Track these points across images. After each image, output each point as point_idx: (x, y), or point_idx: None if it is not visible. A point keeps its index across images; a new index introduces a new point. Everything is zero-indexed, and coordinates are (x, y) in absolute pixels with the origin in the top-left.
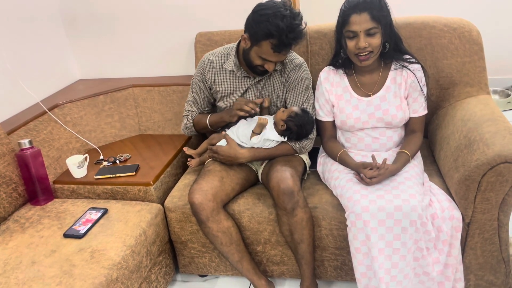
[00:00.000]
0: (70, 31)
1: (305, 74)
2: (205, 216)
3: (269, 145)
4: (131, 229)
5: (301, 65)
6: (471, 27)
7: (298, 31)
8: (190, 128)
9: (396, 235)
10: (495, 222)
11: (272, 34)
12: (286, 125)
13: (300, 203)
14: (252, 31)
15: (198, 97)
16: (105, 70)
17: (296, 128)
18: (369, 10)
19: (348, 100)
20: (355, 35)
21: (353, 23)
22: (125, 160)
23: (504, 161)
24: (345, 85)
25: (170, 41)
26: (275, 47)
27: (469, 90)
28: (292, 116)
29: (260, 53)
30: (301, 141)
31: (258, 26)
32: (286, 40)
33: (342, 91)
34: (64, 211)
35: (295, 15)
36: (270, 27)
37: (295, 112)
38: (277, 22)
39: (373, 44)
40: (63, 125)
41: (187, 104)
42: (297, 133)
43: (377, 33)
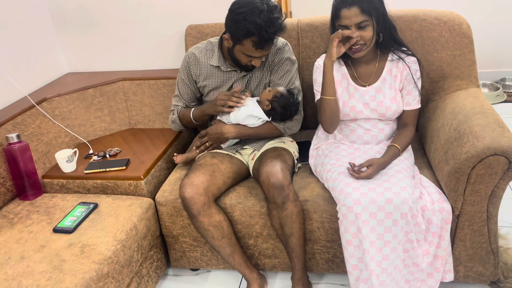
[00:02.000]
0: (58, 24)
1: (288, 55)
2: (196, 210)
3: (254, 124)
4: (121, 224)
5: (284, 47)
6: (461, 20)
7: (277, 24)
8: (176, 123)
9: (387, 227)
10: (484, 214)
11: (252, 32)
12: (271, 105)
13: (290, 196)
14: (232, 31)
15: (183, 92)
16: (94, 63)
17: (280, 109)
18: (358, 3)
19: (345, 88)
20: (347, 29)
21: (344, 17)
22: (115, 154)
23: (493, 154)
24: (344, 72)
25: (161, 34)
26: (257, 44)
27: (459, 83)
28: (277, 97)
29: (243, 51)
30: (285, 122)
31: (236, 26)
32: (267, 35)
33: (340, 77)
34: (53, 206)
35: (272, 8)
36: (248, 26)
37: (281, 92)
38: (254, 19)
39: (365, 37)
40: (51, 119)
41: (173, 99)
42: (281, 114)
43: (368, 25)
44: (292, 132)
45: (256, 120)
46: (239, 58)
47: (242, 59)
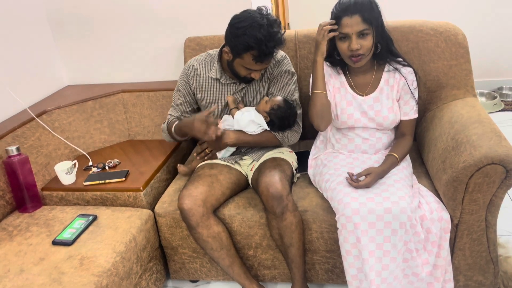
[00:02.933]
0: (58, 37)
1: (287, 67)
2: (195, 222)
3: (254, 131)
4: (121, 236)
5: (283, 60)
6: (457, 30)
7: (277, 39)
8: (165, 132)
9: (386, 237)
10: (483, 223)
11: (252, 46)
12: (269, 117)
13: (289, 207)
14: (232, 45)
15: (178, 103)
16: (94, 75)
17: (278, 120)
18: (360, 12)
19: (343, 95)
20: (347, 37)
21: (345, 25)
22: (114, 166)
23: (490, 163)
24: (342, 80)
25: (160, 46)
26: (257, 58)
27: (456, 93)
28: (274, 109)
29: (243, 64)
30: (284, 132)
31: (237, 40)
32: (267, 50)
33: (339, 85)
34: (52, 218)
35: (272, 22)
36: (248, 40)
37: (278, 104)
38: (254, 33)
39: (365, 46)
40: (51, 131)
41: (170, 109)
42: (280, 125)
43: (369, 34)
44: (290, 142)
45: (256, 127)
46: (238, 71)
47: (242, 72)
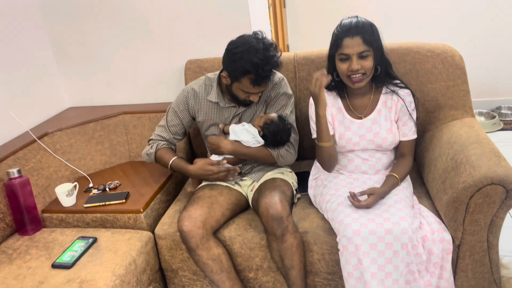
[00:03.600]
0: (60, 59)
1: (284, 90)
2: (194, 244)
3: (248, 141)
4: (120, 258)
5: (280, 82)
6: (453, 52)
7: (273, 62)
8: (150, 156)
9: (388, 258)
10: (485, 243)
11: (249, 71)
12: (263, 132)
13: (289, 228)
14: (230, 70)
15: (171, 124)
16: (95, 97)
17: (270, 135)
18: (361, 34)
19: (341, 121)
20: (348, 58)
21: (346, 46)
22: (115, 188)
23: (490, 183)
24: (339, 106)
25: (160, 68)
26: (254, 81)
27: (454, 113)
28: (267, 123)
29: (241, 88)
30: (279, 149)
31: (233, 65)
32: (263, 73)
33: (336, 112)
34: (52, 241)
35: (268, 46)
36: (245, 65)
37: (271, 119)
38: (251, 58)
39: (366, 67)
40: (52, 153)
41: (157, 128)
42: (272, 140)
43: (369, 55)
44: (286, 162)
45: (250, 137)
46: (237, 94)
47: (241, 95)
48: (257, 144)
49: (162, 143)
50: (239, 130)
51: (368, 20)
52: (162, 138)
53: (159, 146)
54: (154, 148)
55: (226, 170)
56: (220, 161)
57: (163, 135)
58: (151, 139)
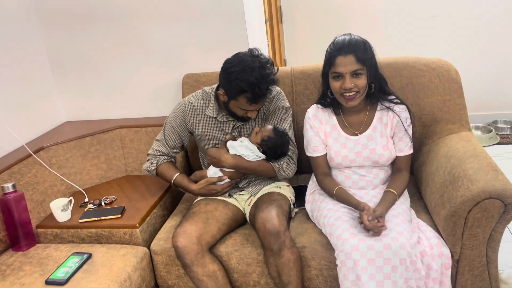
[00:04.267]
0: (57, 73)
1: (282, 103)
2: (189, 260)
3: (248, 155)
4: (115, 274)
5: (278, 95)
6: (449, 66)
7: (269, 80)
8: (152, 172)
9: (386, 274)
10: (484, 258)
11: (245, 90)
12: (262, 148)
13: (286, 243)
14: (226, 89)
15: (169, 138)
16: (92, 112)
17: (270, 151)
18: (354, 52)
19: (336, 138)
20: (341, 76)
21: (339, 64)
22: (110, 202)
23: (488, 197)
24: (334, 123)
25: (158, 82)
26: (251, 99)
27: (451, 127)
28: (265, 140)
29: (238, 106)
30: (280, 162)
31: (230, 84)
32: (260, 92)
33: (330, 129)
34: (46, 256)
35: (263, 64)
36: (241, 84)
37: (267, 135)
38: (246, 77)
39: (359, 85)
40: (48, 168)
41: (155, 143)
42: (272, 155)
43: (362, 74)
44: (286, 176)
45: (250, 152)
46: (234, 111)
47: (238, 112)
48: (258, 158)
49: (162, 158)
50: (238, 145)
51: (362, 38)
52: (161, 153)
53: (159, 162)
54: (155, 164)
55: (229, 185)
56: (221, 177)
57: (162, 150)
58: (150, 154)
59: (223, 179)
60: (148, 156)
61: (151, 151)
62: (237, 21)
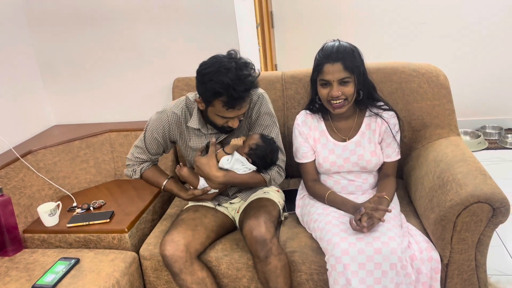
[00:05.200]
0: (46, 76)
1: (265, 108)
2: (178, 268)
3: (239, 169)
4: (103, 280)
5: (261, 100)
6: (438, 72)
7: (247, 82)
8: (136, 178)
9: (376, 278)
10: (473, 262)
11: (219, 92)
12: (250, 158)
13: (273, 250)
14: (201, 93)
15: (151, 147)
16: (81, 115)
17: (259, 160)
18: (342, 60)
19: (324, 144)
20: (329, 84)
21: (327, 72)
22: (99, 207)
23: (477, 201)
24: (322, 129)
25: (148, 86)
26: (227, 104)
27: (440, 132)
28: (253, 149)
29: (216, 112)
30: (271, 171)
31: (204, 87)
32: (236, 94)
33: (319, 135)
34: (33, 262)
35: (241, 65)
36: (214, 86)
37: (255, 143)
38: (221, 78)
39: (346, 93)
40: (35, 172)
41: (135, 149)
42: (263, 165)
43: (350, 82)
44: (276, 185)
45: (240, 165)
46: (214, 120)
47: (218, 121)
48: (248, 171)
49: (145, 165)
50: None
51: (351, 45)
52: (142, 160)
53: (143, 169)
54: (139, 173)
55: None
56: (205, 188)
57: (143, 157)
58: (129, 159)
59: (207, 189)
60: (128, 161)
61: (130, 157)
62: (228, 26)
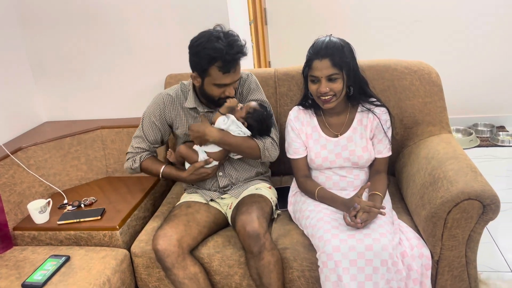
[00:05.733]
0: (37, 73)
1: (254, 85)
2: (170, 263)
3: (234, 132)
4: (94, 277)
5: (249, 78)
6: (430, 69)
7: (238, 45)
8: (136, 170)
9: (367, 275)
10: (463, 259)
11: (214, 57)
12: (247, 122)
13: (266, 245)
14: (196, 64)
15: (149, 133)
16: (73, 112)
17: (256, 124)
18: (330, 56)
19: (316, 140)
20: (317, 80)
21: (315, 68)
22: (90, 204)
23: (467, 198)
24: (314, 124)
25: (140, 82)
26: (222, 68)
27: (432, 129)
28: (250, 113)
29: (213, 81)
30: (265, 140)
31: (198, 57)
32: (229, 57)
33: (311, 131)
34: (23, 259)
35: (229, 34)
36: (209, 52)
37: (253, 108)
38: (213, 45)
39: (335, 89)
40: (26, 169)
41: (134, 140)
42: (259, 129)
43: (338, 78)
44: (269, 157)
45: (236, 127)
46: (211, 93)
47: (215, 92)
48: (243, 135)
49: (144, 154)
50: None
51: (342, 40)
52: (142, 149)
53: (142, 158)
54: (138, 161)
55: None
56: (208, 160)
57: (142, 146)
58: (129, 152)
59: (210, 161)
60: (128, 154)
61: (131, 149)
62: (221, 22)
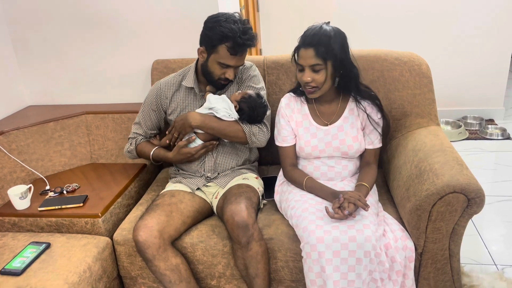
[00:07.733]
0: (21, 56)
1: (255, 73)
2: (151, 255)
3: (221, 111)
4: (74, 265)
5: (251, 67)
6: (420, 61)
7: (250, 34)
8: (132, 153)
9: (350, 266)
10: (447, 251)
11: (227, 36)
12: (239, 106)
13: (255, 236)
14: (207, 39)
15: (146, 119)
16: (57, 96)
17: (248, 109)
18: (315, 46)
19: (307, 128)
20: (302, 69)
21: (300, 57)
22: (73, 191)
23: (452, 191)
24: (305, 112)
25: (127, 67)
26: (231, 49)
27: (420, 121)
28: (245, 98)
29: (218, 59)
30: (252, 126)
31: (212, 31)
32: (241, 41)
33: (302, 118)
34: (3, 245)
35: (245, 21)
36: (224, 30)
37: (249, 94)
38: (229, 25)
39: (317, 80)
40: (7, 153)
41: (133, 126)
42: (249, 115)
43: (321, 69)
44: (257, 143)
45: (224, 107)
46: (213, 70)
47: (217, 71)
48: (229, 117)
49: (140, 138)
50: (213, 98)
51: (334, 30)
52: (138, 135)
53: (137, 141)
54: (134, 144)
55: (203, 147)
56: (189, 138)
57: (139, 132)
58: (130, 137)
59: (193, 139)
60: (129, 140)
61: (131, 135)
62: (209, 7)
